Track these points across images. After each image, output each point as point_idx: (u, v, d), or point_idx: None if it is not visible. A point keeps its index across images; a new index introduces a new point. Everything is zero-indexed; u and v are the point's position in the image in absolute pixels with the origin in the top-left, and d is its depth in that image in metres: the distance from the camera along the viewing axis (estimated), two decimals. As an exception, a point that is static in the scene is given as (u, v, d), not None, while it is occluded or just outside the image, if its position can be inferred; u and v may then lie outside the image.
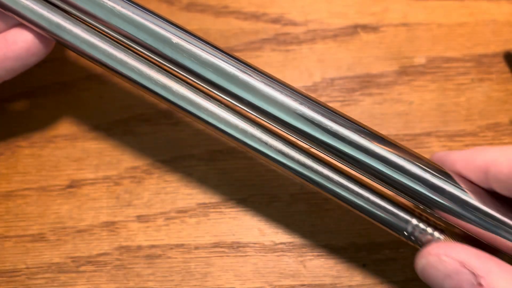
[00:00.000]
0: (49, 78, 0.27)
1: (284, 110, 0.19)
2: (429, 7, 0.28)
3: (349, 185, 0.20)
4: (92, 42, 0.22)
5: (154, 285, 0.23)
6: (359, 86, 0.26)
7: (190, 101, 0.21)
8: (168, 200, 0.25)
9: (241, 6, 0.28)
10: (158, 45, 0.20)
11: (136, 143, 0.26)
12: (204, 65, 0.19)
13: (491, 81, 0.26)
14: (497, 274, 0.16)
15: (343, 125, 0.18)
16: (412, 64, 0.27)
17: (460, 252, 0.16)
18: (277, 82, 0.19)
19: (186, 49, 0.20)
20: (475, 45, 0.27)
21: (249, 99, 0.19)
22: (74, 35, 0.22)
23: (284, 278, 0.23)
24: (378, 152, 0.18)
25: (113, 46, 0.22)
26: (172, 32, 0.20)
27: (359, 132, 0.18)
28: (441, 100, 0.26)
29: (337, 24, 0.28)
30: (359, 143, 0.18)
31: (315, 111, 0.18)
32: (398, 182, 0.18)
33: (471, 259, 0.16)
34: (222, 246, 0.24)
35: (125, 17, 0.20)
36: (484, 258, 0.16)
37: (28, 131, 0.26)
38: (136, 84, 0.22)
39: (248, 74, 0.20)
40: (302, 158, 0.20)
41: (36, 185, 0.25)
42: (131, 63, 0.21)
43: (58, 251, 0.24)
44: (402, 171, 0.18)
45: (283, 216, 0.24)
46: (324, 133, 0.18)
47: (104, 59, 0.22)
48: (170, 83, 0.22)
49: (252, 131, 0.21)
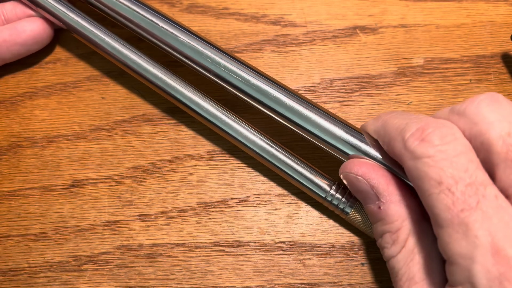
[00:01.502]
0: (52, 78, 0.27)
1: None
2: (427, 8, 0.28)
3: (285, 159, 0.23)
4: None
5: (155, 283, 0.23)
6: (358, 86, 0.26)
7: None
8: (169, 199, 0.25)
9: (241, 8, 0.28)
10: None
11: (137, 143, 0.26)
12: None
13: (489, 82, 0.26)
14: (395, 203, 0.19)
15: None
16: (410, 65, 0.27)
17: (374, 178, 0.20)
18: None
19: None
20: (473, 46, 0.27)
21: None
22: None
23: (283, 276, 0.23)
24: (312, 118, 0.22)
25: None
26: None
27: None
28: (439, 101, 0.26)
29: (336, 25, 0.28)
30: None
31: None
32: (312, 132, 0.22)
33: (380, 185, 0.19)
34: (222, 245, 0.24)
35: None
36: (392, 187, 0.19)
37: (30, 131, 0.26)
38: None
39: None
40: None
41: (38, 184, 0.25)
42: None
43: (60, 250, 0.24)
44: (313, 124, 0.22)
45: (283, 216, 0.24)
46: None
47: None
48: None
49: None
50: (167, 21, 0.24)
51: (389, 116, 0.20)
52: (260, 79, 0.23)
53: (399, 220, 0.19)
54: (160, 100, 0.26)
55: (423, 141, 0.17)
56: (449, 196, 0.16)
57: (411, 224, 0.19)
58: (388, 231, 0.19)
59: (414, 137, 0.17)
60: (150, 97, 0.27)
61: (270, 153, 0.23)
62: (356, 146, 0.21)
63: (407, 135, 0.17)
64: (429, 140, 0.17)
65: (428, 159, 0.16)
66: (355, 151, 0.21)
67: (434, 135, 0.17)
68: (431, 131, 0.17)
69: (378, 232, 0.20)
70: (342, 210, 0.22)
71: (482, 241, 0.15)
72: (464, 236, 0.15)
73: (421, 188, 0.17)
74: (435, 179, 0.16)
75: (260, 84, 0.23)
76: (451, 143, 0.16)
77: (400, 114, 0.19)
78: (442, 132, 0.17)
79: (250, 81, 0.23)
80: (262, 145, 0.24)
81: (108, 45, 0.25)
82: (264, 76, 0.23)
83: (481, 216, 0.15)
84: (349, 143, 0.21)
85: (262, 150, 0.23)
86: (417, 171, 0.17)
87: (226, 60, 0.23)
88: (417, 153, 0.17)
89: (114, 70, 0.27)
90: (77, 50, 0.28)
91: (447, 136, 0.16)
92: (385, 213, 0.19)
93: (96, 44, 0.25)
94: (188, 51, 0.24)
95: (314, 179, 0.23)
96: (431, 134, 0.17)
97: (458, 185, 0.16)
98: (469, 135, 0.17)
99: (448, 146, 0.16)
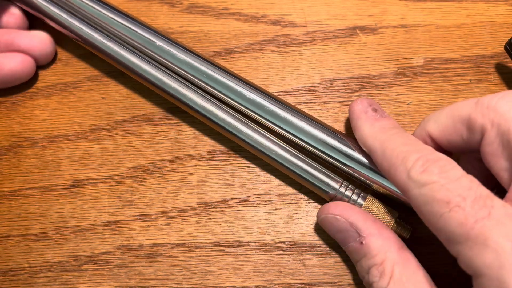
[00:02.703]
0: (52, 78, 0.27)
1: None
2: (427, 8, 0.28)
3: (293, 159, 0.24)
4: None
5: (156, 283, 0.23)
6: (358, 87, 0.27)
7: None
8: (169, 199, 0.25)
9: (242, 8, 0.28)
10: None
11: (137, 143, 0.26)
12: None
13: (489, 82, 0.26)
14: (375, 236, 0.20)
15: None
16: (410, 65, 0.27)
17: (351, 216, 0.21)
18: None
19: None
20: (473, 46, 0.27)
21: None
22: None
23: (283, 276, 0.23)
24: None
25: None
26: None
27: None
28: (439, 101, 0.26)
29: (336, 25, 0.28)
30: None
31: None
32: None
33: (359, 221, 0.21)
34: (222, 245, 0.24)
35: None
36: (369, 222, 0.21)
37: (30, 131, 0.26)
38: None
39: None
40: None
41: (38, 184, 0.25)
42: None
43: (61, 250, 0.24)
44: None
45: (283, 216, 0.24)
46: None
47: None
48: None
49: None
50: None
51: (386, 139, 0.20)
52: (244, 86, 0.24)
53: (382, 252, 0.20)
54: (160, 100, 0.26)
55: (425, 171, 0.17)
56: (460, 212, 0.16)
57: (394, 254, 0.20)
58: (373, 264, 0.20)
59: (416, 167, 0.18)
60: (150, 97, 0.27)
61: (277, 153, 0.23)
62: (342, 150, 0.23)
63: (409, 165, 0.18)
64: (431, 170, 0.17)
65: (433, 184, 0.17)
66: (340, 155, 0.23)
67: (434, 167, 0.17)
68: (431, 164, 0.17)
69: (363, 268, 0.21)
70: (354, 202, 0.23)
71: (504, 247, 0.15)
72: (485, 246, 0.15)
73: (429, 212, 0.17)
74: (443, 200, 0.16)
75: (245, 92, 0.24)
76: (451, 170, 0.17)
77: (398, 137, 0.20)
78: (441, 164, 0.17)
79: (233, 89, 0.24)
80: (268, 144, 0.24)
81: (107, 47, 0.25)
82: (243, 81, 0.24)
83: (496, 223, 0.15)
84: (333, 147, 0.23)
85: (268, 150, 0.24)
86: (423, 197, 0.17)
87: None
88: (421, 181, 0.17)
89: (114, 70, 0.27)
90: (77, 50, 0.28)
91: (446, 166, 0.17)
92: (368, 247, 0.20)
93: (95, 47, 0.26)
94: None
95: (322, 177, 0.23)
96: (432, 166, 0.17)
97: (466, 201, 0.16)
98: (496, 131, 0.18)
99: (449, 173, 0.17)
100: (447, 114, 0.20)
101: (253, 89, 0.24)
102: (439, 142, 0.21)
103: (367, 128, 0.21)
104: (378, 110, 0.22)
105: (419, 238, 0.23)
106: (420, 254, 0.20)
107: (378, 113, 0.22)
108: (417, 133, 0.22)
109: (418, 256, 0.20)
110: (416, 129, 0.22)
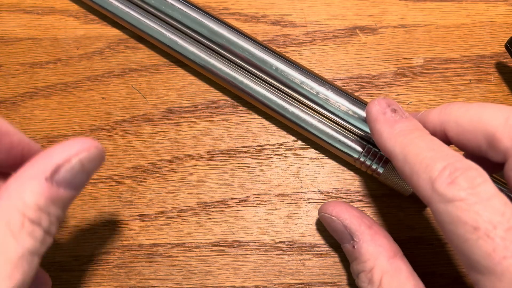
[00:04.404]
0: (52, 78, 0.27)
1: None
2: (426, 8, 0.28)
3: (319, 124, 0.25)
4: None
5: (156, 283, 0.23)
6: (358, 87, 0.27)
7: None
8: (169, 199, 0.25)
9: (242, 8, 0.28)
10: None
11: (138, 143, 0.26)
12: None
13: (489, 82, 0.26)
14: (367, 242, 0.20)
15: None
16: (410, 65, 0.27)
17: (347, 218, 0.21)
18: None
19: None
20: (473, 46, 0.27)
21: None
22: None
23: (283, 276, 0.23)
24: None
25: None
26: None
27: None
28: (439, 101, 0.26)
29: (336, 25, 0.28)
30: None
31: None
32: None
33: (353, 225, 0.21)
34: (222, 245, 0.24)
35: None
36: (364, 227, 0.21)
37: (31, 132, 0.26)
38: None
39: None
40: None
41: (38, 184, 0.25)
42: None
43: (61, 250, 0.24)
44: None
45: (283, 216, 0.24)
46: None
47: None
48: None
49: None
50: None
51: (408, 142, 0.18)
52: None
53: (371, 259, 0.20)
54: (161, 100, 0.27)
55: (452, 183, 0.16)
56: (489, 243, 0.15)
57: (384, 263, 0.19)
58: (362, 270, 0.20)
59: (443, 178, 0.16)
60: (151, 97, 0.27)
61: (301, 118, 0.24)
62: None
63: (435, 174, 0.16)
64: (459, 183, 0.16)
65: (461, 202, 0.15)
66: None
67: (462, 179, 0.16)
68: (459, 174, 0.16)
69: (354, 271, 0.21)
70: (374, 170, 0.23)
71: None
72: (510, 285, 0.14)
73: (455, 233, 0.16)
74: (471, 225, 0.15)
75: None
76: (481, 185, 0.15)
77: (421, 141, 0.18)
78: (470, 175, 0.16)
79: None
80: (292, 109, 0.24)
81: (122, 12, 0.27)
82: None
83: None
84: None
85: (292, 115, 0.24)
86: (449, 215, 0.16)
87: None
88: (448, 196, 0.16)
89: (114, 70, 0.27)
90: (77, 50, 0.28)
91: (476, 178, 0.16)
92: (359, 252, 0.20)
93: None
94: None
95: (346, 141, 0.24)
96: (460, 178, 0.16)
97: (497, 230, 0.15)
98: None
99: (480, 189, 0.15)
100: (471, 121, 0.18)
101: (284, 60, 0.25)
102: (452, 140, 0.19)
103: (386, 131, 0.19)
104: (398, 111, 0.20)
105: (419, 238, 0.23)
106: (420, 254, 0.20)
107: (398, 114, 0.20)
108: (430, 120, 0.20)
109: (418, 256, 0.20)
110: (430, 114, 0.20)
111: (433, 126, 0.20)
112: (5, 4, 0.29)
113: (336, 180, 0.25)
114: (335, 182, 0.25)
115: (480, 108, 0.18)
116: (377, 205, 0.24)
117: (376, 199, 0.24)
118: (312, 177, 0.25)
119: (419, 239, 0.23)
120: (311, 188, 0.25)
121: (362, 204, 0.24)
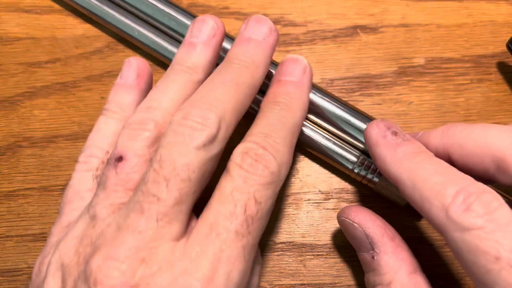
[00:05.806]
0: (51, 78, 0.27)
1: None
2: (428, 8, 0.28)
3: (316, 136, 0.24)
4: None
5: (155, 284, 0.23)
6: (359, 86, 0.26)
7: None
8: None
9: (242, 7, 0.28)
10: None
11: (137, 143, 0.26)
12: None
13: (490, 81, 0.26)
14: (388, 255, 0.19)
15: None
16: (411, 64, 0.27)
17: (370, 227, 0.20)
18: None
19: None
20: (474, 46, 0.27)
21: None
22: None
23: (284, 277, 0.23)
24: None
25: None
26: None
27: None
28: (440, 101, 0.26)
29: (337, 25, 0.28)
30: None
31: None
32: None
33: (375, 235, 0.19)
34: (222, 245, 0.24)
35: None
36: (386, 238, 0.19)
37: (29, 131, 0.26)
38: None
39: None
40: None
41: (37, 185, 0.25)
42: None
43: (60, 251, 0.24)
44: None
45: (283, 216, 0.24)
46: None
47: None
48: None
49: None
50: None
51: (414, 167, 0.17)
52: None
53: (391, 272, 0.19)
54: (160, 100, 0.26)
55: (468, 210, 0.15)
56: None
57: (403, 277, 0.18)
58: (379, 283, 0.19)
59: (457, 205, 0.15)
60: (150, 97, 0.27)
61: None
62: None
63: (448, 201, 0.15)
64: (475, 209, 0.15)
65: (479, 231, 0.15)
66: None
67: (477, 204, 0.15)
68: (473, 199, 0.15)
69: (370, 282, 0.20)
70: (370, 180, 0.23)
71: None
72: None
73: (474, 264, 0.15)
74: (492, 254, 0.14)
75: None
76: (498, 210, 0.15)
77: (428, 164, 0.17)
78: (485, 199, 0.15)
79: None
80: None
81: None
82: None
83: None
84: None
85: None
86: (466, 244, 0.15)
87: None
88: (464, 225, 0.15)
89: (113, 70, 0.27)
90: (76, 50, 0.28)
91: (492, 202, 0.15)
92: (378, 263, 0.19)
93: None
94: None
95: (341, 151, 0.24)
96: (475, 204, 0.15)
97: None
98: None
99: (497, 214, 0.15)
100: (476, 144, 0.18)
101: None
102: (457, 163, 0.19)
103: (390, 155, 0.19)
104: (398, 133, 0.19)
105: (419, 238, 0.23)
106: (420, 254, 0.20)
107: (399, 137, 0.19)
108: (432, 143, 0.20)
109: (418, 257, 0.20)
110: (431, 136, 0.20)
111: (435, 149, 0.19)
112: (4, 3, 0.29)
113: (336, 180, 0.25)
114: (336, 182, 0.25)
115: (484, 130, 0.18)
116: (378, 205, 0.24)
117: (376, 200, 0.24)
118: (312, 177, 0.25)
119: (419, 240, 0.23)
120: (311, 189, 0.25)
121: (362, 205, 0.24)
